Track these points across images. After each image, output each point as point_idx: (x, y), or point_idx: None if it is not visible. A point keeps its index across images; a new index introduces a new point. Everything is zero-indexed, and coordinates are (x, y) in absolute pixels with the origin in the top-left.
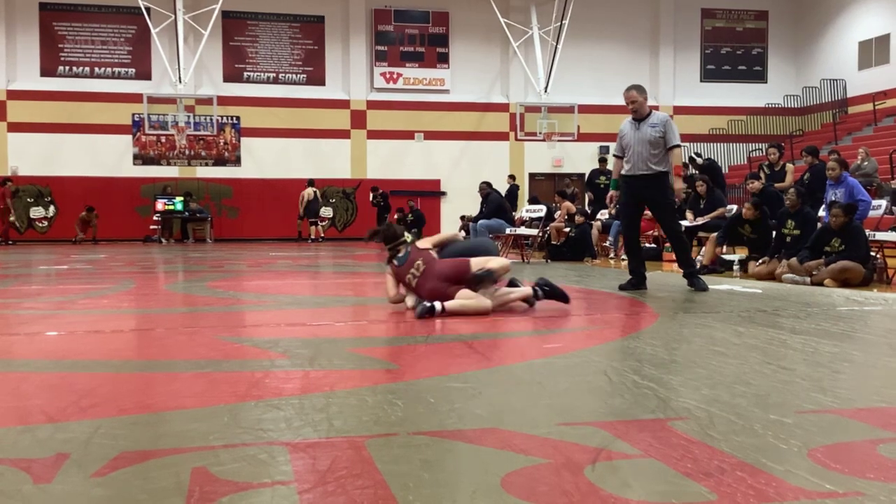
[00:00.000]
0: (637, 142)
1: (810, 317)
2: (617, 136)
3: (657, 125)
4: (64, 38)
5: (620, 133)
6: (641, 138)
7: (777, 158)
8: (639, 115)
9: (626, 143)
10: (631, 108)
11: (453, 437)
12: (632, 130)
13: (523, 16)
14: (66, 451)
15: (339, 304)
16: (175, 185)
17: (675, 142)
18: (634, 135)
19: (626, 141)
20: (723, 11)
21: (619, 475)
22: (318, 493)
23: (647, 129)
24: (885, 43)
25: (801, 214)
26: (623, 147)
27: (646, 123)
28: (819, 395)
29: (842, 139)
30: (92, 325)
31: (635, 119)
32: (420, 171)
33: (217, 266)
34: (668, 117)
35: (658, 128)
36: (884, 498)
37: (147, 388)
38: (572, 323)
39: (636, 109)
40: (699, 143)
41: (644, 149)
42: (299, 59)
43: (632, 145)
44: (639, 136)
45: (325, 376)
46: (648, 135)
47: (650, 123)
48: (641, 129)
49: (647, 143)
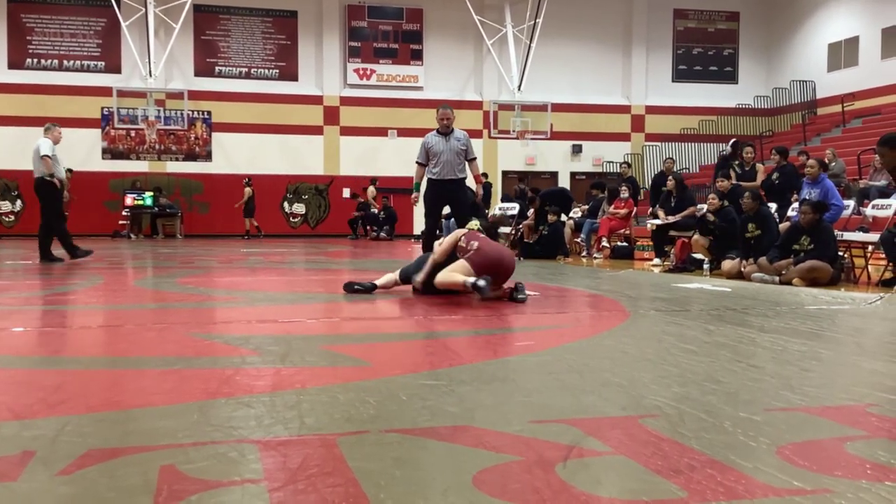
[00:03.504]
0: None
1: (779, 315)
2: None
3: (461, 139)
4: (32, 30)
5: (427, 144)
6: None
7: (752, 157)
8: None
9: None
10: (444, 123)
11: (425, 435)
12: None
13: (497, 14)
14: (32, 448)
15: (312, 300)
16: (145, 179)
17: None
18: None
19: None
20: (695, 12)
21: (591, 472)
22: (289, 492)
23: (454, 142)
24: (854, 45)
25: (759, 215)
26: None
27: (452, 137)
28: (788, 393)
29: (811, 140)
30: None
31: (442, 133)
32: (393, 169)
33: (187, 262)
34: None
35: (462, 141)
36: (851, 495)
37: (116, 384)
38: (545, 321)
39: (448, 125)
40: (671, 143)
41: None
42: (272, 54)
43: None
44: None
45: (296, 373)
46: (456, 147)
47: (456, 137)
48: (450, 141)
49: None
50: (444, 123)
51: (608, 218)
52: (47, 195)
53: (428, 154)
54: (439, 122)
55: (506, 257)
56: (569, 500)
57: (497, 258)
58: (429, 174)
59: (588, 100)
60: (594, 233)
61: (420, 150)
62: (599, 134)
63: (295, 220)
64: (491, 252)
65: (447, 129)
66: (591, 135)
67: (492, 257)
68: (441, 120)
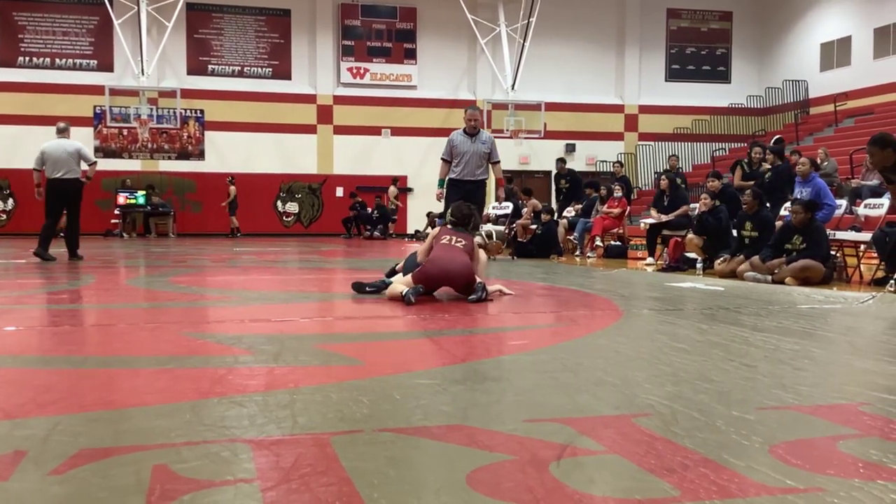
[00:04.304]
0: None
1: (772, 315)
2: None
3: (486, 142)
4: (24, 28)
5: (452, 141)
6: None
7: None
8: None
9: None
10: (472, 124)
11: (419, 434)
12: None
13: (491, 13)
14: (23, 448)
15: (305, 299)
16: (137, 178)
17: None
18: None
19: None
20: (688, 12)
21: (584, 471)
22: (282, 491)
23: (479, 145)
24: (846, 45)
25: (758, 217)
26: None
27: (478, 138)
28: (780, 392)
29: (803, 139)
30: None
31: (469, 133)
32: (387, 168)
33: (180, 261)
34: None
35: (487, 144)
36: (844, 494)
37: (108, 384)
38: (538, 320)
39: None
40: (664, 143)
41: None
42: (265, 52)
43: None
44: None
45: (289, 373)
46: (480, 149)
47: (482, 139)
48: (475, 143)
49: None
50: (471, 124)
51: (602, 217)
52: (81, 197)
53: (452, 152)
54: (467, 122)
55: (453, 270)
56: (562, 499)
57: (442, 273)
58: (451, 174)
59: (581, 99)
60: (588, 232)
61: (445, 147)
62: (593, 133)
63: (288, 219)
64: (434, 267)
65: (474, 129)
66: (584, 134)
67: (432, 274)
68: (469, 121)
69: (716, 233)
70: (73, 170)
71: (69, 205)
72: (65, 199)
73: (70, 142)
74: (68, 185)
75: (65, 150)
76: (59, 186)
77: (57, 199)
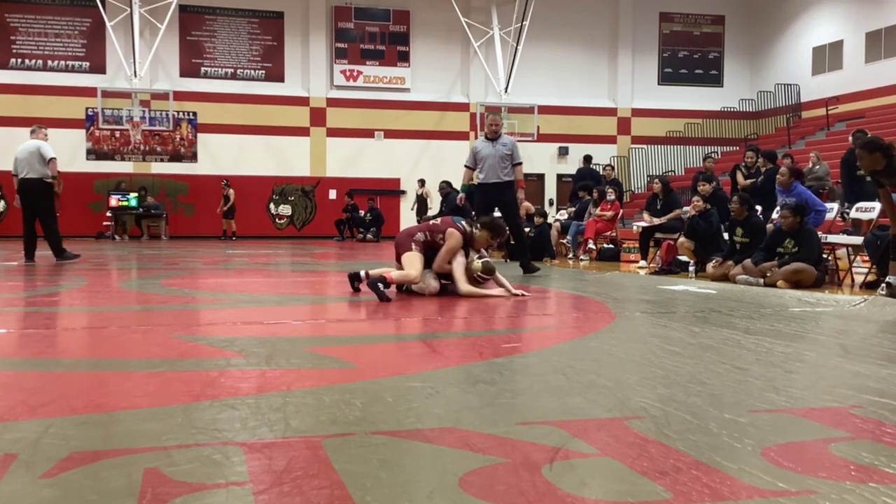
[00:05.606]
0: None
1: (764, 317)
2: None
3: (507, 144)
4: (16, 29)
5: (475, 149)
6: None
7: (755, 161)
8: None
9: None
10: (493, 129)
11: (411, 437)
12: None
13: (484, 16)
14: (13, 451)
15: (297, 302)
16: (129, 180)
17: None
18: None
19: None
20: (680, 15)
21: (577, 474)
22: (274, 494)
23: (500, 148)
24: (838, 49)
25: (748, 223)
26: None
27: (499, 142)
28: (772, 395)
29: (795, 143)
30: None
31: (490, 139)
32: (380, 170)
33: (172, 263)
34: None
35: (508, 146)
36: (835, 496)
37: (99, 387)
38: (530, 322)
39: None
40: (656, 146)
41: (496, 162)
42: (258, 54)
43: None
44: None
45: (281, 375)
46: (501, 152)
47: (502, 143)
48: (496, 146)
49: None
50: (492, 129)
51: (594, 220)
52: (46, 196)
53: (475, 158)
54: (487, 127)
55: (398, 238)
56: (555, 502)
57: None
58: (476, 178)
59: (574, 102)
60: (580, 235)
61: (469, 155)
62: (586, 136)
63: (281, 221)
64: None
65: (495, 134)
66: (577, 137)
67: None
68: (489, 126)
69: (706, 237)
70: (34, 169)
71: (34, 205)
72: (27, 200)
73: (34, 141)
74: (29, 184)
75: (27, 150)
76: (22, 187)
77: (23, 201)
